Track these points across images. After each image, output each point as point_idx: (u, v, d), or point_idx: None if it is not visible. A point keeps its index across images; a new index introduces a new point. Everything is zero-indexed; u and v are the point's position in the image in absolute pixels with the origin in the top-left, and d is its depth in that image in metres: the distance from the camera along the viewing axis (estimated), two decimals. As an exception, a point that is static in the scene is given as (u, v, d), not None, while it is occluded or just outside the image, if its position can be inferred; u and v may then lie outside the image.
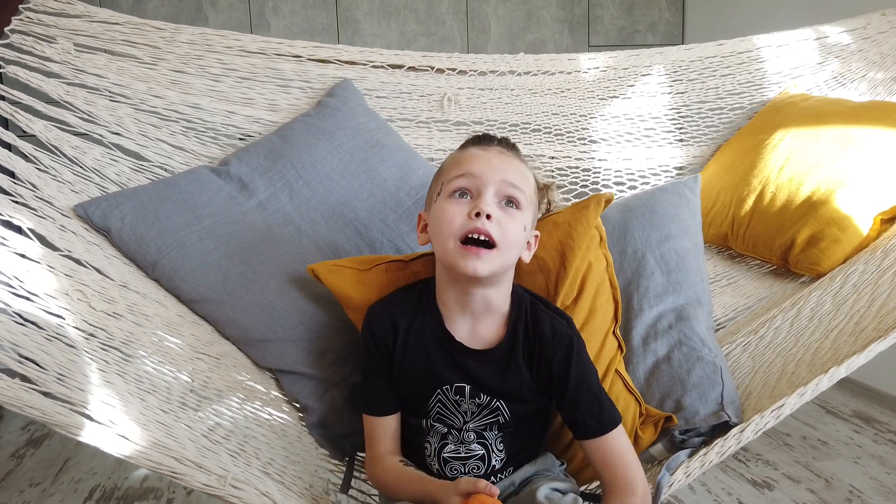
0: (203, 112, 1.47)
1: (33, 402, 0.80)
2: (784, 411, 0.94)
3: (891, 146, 1.41)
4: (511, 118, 1.66)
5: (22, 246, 1.03)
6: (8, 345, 0.86)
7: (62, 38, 1.41)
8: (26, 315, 0.93)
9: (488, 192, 0.92)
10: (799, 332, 1.18)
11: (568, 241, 1.06)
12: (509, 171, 0.94)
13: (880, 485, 1.81)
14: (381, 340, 0.98)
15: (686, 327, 1.16)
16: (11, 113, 1.25)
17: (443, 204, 0.94)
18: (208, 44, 1.51)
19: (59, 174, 1.24)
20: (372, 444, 1.01)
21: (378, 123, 1.51)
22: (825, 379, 0.93)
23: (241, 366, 1.16)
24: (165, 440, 0.90)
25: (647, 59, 1.71)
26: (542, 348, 0.95)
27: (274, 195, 1.34)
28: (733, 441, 0.94)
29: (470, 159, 0.95)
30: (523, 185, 0.95)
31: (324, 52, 1.58)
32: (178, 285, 1.18)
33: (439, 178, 0.99)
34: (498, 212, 0.92)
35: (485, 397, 0.96)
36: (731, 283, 1.49)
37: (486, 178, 0.93)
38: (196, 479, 0.86)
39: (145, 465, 0.84)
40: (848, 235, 1.36)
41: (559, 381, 0.95)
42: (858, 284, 1.22)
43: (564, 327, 0.97)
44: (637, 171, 1.71)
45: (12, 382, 0.81)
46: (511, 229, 0.92)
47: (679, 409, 1.07)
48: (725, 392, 1.07)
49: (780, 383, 1.07)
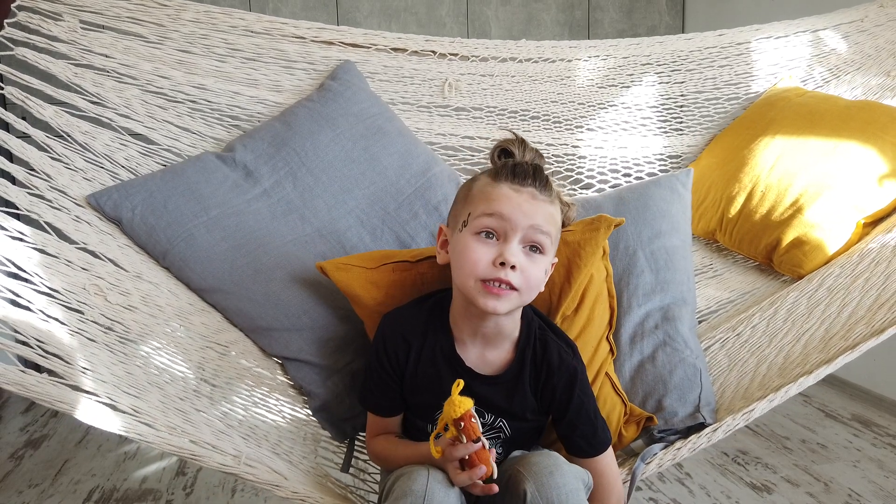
0: (208, 93, 1.49)
1: (62, 397, 0.86)
2: (754, 415, 1.02)
3: (875, 153, 1.45)
4: (511, 105, 1.69)
5: (40, 241, 1.07)
6: (34, 342, 0.91)
7: (68, 14, 1.42)
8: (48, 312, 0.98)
9: (515, 238, 0.92)
10: (773, 333, 1.25)
11: (575, 259, 1.11)
12: (538, 218, 0.93)
13: (879, 488, 1.81)
14: (393, 356, 1.02)
15: (671, 328, 1.23)
16: (23, 99, 1.27)
17: (468, 240, 0.94)
18: (213, 22, 1.51)
19: (72, 162, 1.27)
20: (374, 431, 1.09)
21: (380, 108, 1.54)
22: (794, 387, 1.01)
23: (249, 353, 1.22)
24: (184, 425, 0.97)
25: (648, 48, 1.73)
26: (549, 375, 1.00)
27: (278, 183, 1.38)
28: (704, 440, 1.02)
29: (501, 200, 0.93)
30: (551, 228, 0.95)
31: (327, 34, 1.59)
32: (188, 275, 1.23)
33: (467, 205, 0.97)
34: (522, 259, 0.93)
35: (489, 416, 1.02)
36: (716, 275, 1.56)
37: (515, 223, 0.92)
38: (213, 459, 0.94)
39: (167, 449, 0.91)
40: (831, 239, 1.42)
41: (560, 405, 1.01)
42: (832, 288, 1.28)
43: (570, 357, 1.02)
44: (632, 158, 1.75)
45: (41, 378, 0.87)
46: (533, 274, 0.94)
47: (659, 409, 1.15)
48: (703, 395, 1.15)
49: (753, 384, 1.15)
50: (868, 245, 1.35)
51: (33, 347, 0.89)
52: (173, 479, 1.96)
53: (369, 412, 1.08)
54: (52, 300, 1.00)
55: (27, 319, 0.94)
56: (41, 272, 1.03)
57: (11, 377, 0.84)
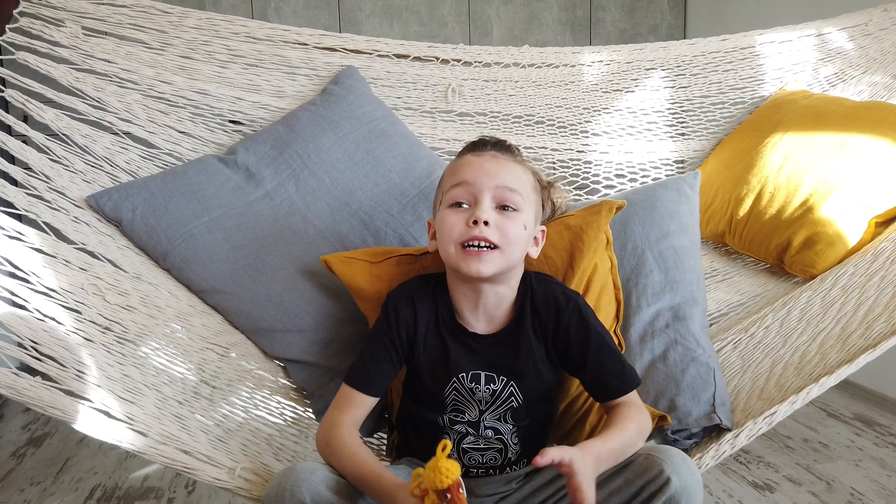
0: (210, 98, 1.49)
1: (55, 402, 0.84)
2: (776, 418, 0.99)
3: (886, 150, 1.43)
4: (514, 110, 1.68)
5: (38, 240, 1.05)
6: (28, 343, 0.89)
7: (70, 21, 1.42)
8: (44, 311, 0.96)
9: (484, 199, 0.96)
10: (787, 333, 1.22)
11: (578, 243, 1.10)
12: (503, 175, 0.97)
13: (881, 487, 1.81)
14: (403, 323, 1.02)
15: (682, 327, 1.20)
16: (23, 102, 1.26)
17: (443, 214, 0.99)
18: (215, 29, 1.51)
19: (71, 164, 1.26)
20: (342, 411, 0.98)
21: (383, 112, 1.53)
22: (815, 388, 0.98)
23: (251, 354, 1.20)
24: (179, 434, 0.94)
25: (651, 53, 1.73)
26: (558, 313, 1.00)
27: (280, 185, 1.36)
28: (727, 446, 0.99)
29: (464, 167, 0.99)
30: (519, 185, 0.98)
31: (329, 41, 1.58)
32: (188, 276, 1.21)
33: (440, 188, 1.03)
34: (495, 216, 0.96)
35: (499, 381, 1.00)
36: (726, 278, 1.53)
37: (481, 186, 0.96)
38: (207, 473, 0.90)
39: (159, 461, 0.88)
40: (843, 239, 1.39)
41: (578, 345, 0.99)
42: (847, 287, 1.26)
43: (577, 295, 1.03)
44: (638, 163, 1.74)
45: (34, 381, 0.85)
46: (511, 230, 0.96)
47: (672, 408, 1.12)
48: (717, 394, 1.11)
49: (769, 384, 1.12)
50: (882, 244, 1.32)
51: (27, 349, 0.87)
52: (175, 477, 1.95)
53: (345, 389, 1.00)
54: (49, 299, 0.98)
55: (23, 319, 0.92)
56: (38, 271, 1.01)
57: (3, 380, 0.81)
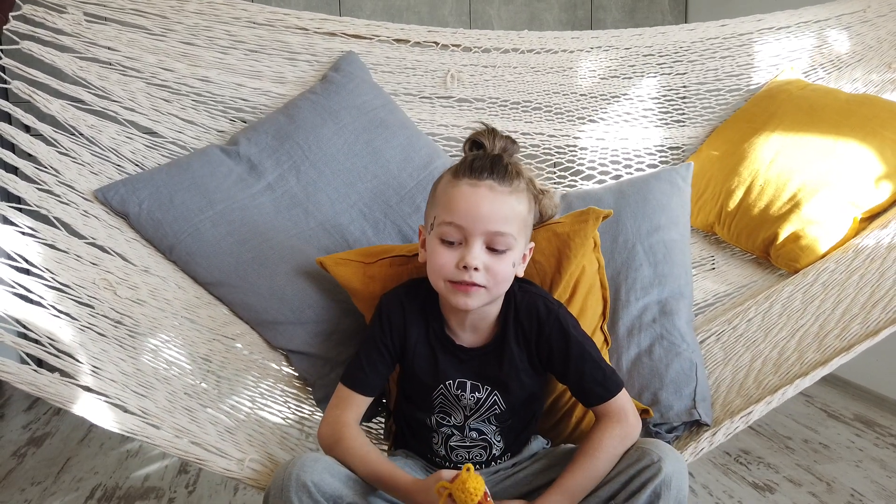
0: (212, 85, 1.51)
1: (73, 397, 0.89)
2: (752, 417, 1.05)
3: (875, 150, 1.46)
4: (512, 96, 1.70)
5: (50, 236, 1.09)
6: (46, 339, 0.93)
7: (72, 6, 1.43)
8: (60, 307, 1.00)
9: (475, 244, 0.96)
10: (769, 328, 1.27)
11: (565, 250, 1.13)
12: (495, 218, 0.96)
13: (882, 488, 1.81)
14: (395, 329, 1.06)
15: (668, 322, 1.25)
16: (29, 94, 1.28)
17: (435, 245, 0.99)
18: (216, 13, 1.52)
19: (79, 156, 1.29)
20: (344, 411, 1.04)
21: (382, 100, 1.55)
22: (790, 389, 1.03)
23: (256, 345, 1.25)
24: (190, 426, 0.99)
25: (650, 38, 1.74)
26: (540, 325, 1.03)
27: (282, 176, 1.40)
28: (706, 443, 1.05)
29: (459, 202, 0.97)
30: (511, 227, 0.97)
31: (330, 25, 1.59)
32: (194, 269, 1.26)
33: (432, 208, 1.02)
34: (485, 258, 0.96)
35: (484, 390, 1.05)
36: (714, 268, 1.58)
37: (473, 230, 0.96)
38: (217, 464, 0.96)
39: (174, 454, 0.94)
40: (827, 234, 1.43)
41: (560, 353, 1.03)
42: (827, 283, 1.30)
43: (557, 307, 1.05)
44: (633, 150, 1.76)
45: (53, 378, 0.90)
46: (500, 270, 0.97)
47: (655, 402, 1.18)
48: (698, 389, 1.17)
49: (748, 380, 1.17)
50: (863, 241, 1.36)
51: (45, 346, 0.92)
52: (175, 476, 1.96)
53: (343, 389, 1.05)
54: (63, 295, 1.03)
55: (38, 316, 0.96)
56: (52, 267, 1.05)
57: (25, 377, 0.86)
